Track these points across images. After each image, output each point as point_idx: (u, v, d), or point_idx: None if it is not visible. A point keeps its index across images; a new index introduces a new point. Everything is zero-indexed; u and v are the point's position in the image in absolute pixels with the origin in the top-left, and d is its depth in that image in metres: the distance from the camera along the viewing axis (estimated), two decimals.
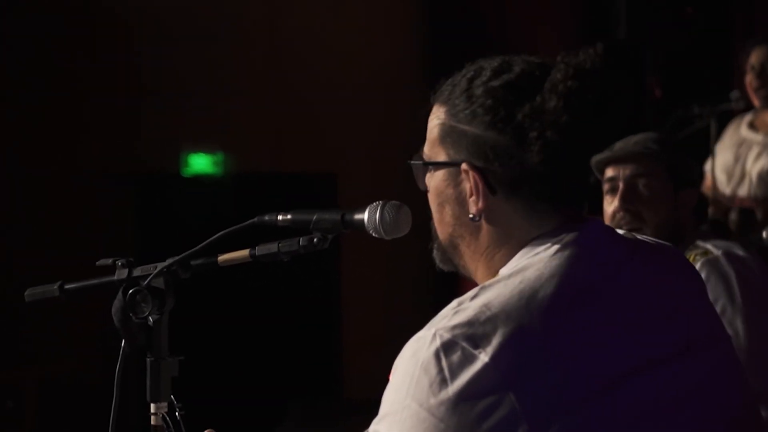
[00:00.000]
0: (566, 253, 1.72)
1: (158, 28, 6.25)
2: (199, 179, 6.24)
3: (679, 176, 3.22)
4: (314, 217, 1.95)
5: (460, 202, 1.80)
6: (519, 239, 1.78)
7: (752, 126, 5.13)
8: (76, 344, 5.90)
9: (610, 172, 3.25)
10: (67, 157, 6.04)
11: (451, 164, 1.80)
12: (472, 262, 1.84)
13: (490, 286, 1.69)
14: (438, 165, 1.82)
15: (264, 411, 5.82)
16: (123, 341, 1.99)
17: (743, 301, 3.03)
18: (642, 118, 5.56)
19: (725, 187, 5.10)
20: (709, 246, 3.14)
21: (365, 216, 1.92)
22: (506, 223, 1.78)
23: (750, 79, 5.06)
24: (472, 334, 1.62)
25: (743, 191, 5.03)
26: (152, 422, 1.95)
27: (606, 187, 3.26)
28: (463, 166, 1.78)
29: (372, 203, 1.93)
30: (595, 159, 3.26)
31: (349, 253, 6.04)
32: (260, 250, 1.99)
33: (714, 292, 3.04)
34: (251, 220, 2.00)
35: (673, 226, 3.18)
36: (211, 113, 6.24)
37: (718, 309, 2.95)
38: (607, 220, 3.25)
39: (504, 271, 1.76)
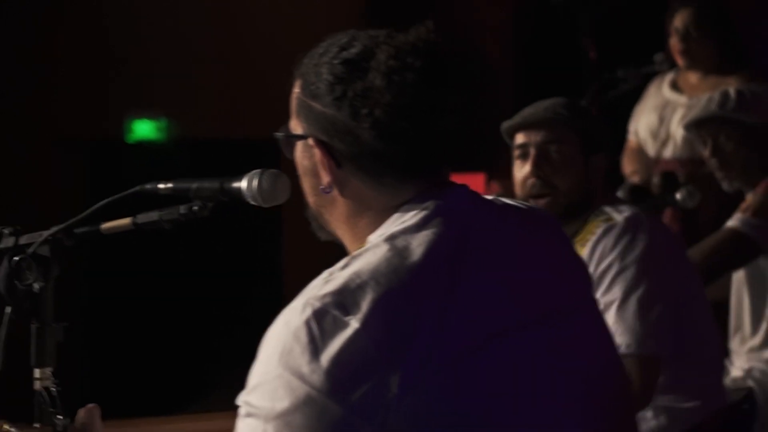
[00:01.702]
0: (433, 221, 1.76)
1: None
2: (146, 145, 6.23)
3: (590, 141, 3.24)
4: (194, 186, 1.98)
5: (315, 174, 1.85)
6: (377, 209, 1.82)
7: (675, 86, 5.11)
8: None
9: (520, 139, 3.26)
10: (18, 119, 6.02)
11: (302, 137, 1.85)
12: (338, 230, 1.88)
13: (359, 255, 1.73)
14: (294, 138, 1.87)
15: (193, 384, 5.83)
16: (8, 308, 2.03)
17: (633, 266, 3.08)
18: (578, 80, 5.57)
19: (650, 149, 5.12)
20: (613, 213, 3.18)
21: (243, 184, 1.94)
22: (358, 195, 1.83)
23: (674, 42, 5.03)
24: (343, 301, 1.66)
25: (668, 153, 5.04)
26: (35, 387, 1.99)
27: (516, 153, 3.27)
28: (310, 140, 1.83)
29: (251, 171, 1.96)
30: (505, 125, 3.29)
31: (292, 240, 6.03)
32: (141, 218, 2.02)
33: (605, 254, 3.10)
34: (134, 189, 2.05)
35: (584, 192, 3.22)
36: (161, 78, 6.22)
37: (608, 271, 3.08)
38: (517, 187, 3.28)
39: (372, 238, 1.79)
